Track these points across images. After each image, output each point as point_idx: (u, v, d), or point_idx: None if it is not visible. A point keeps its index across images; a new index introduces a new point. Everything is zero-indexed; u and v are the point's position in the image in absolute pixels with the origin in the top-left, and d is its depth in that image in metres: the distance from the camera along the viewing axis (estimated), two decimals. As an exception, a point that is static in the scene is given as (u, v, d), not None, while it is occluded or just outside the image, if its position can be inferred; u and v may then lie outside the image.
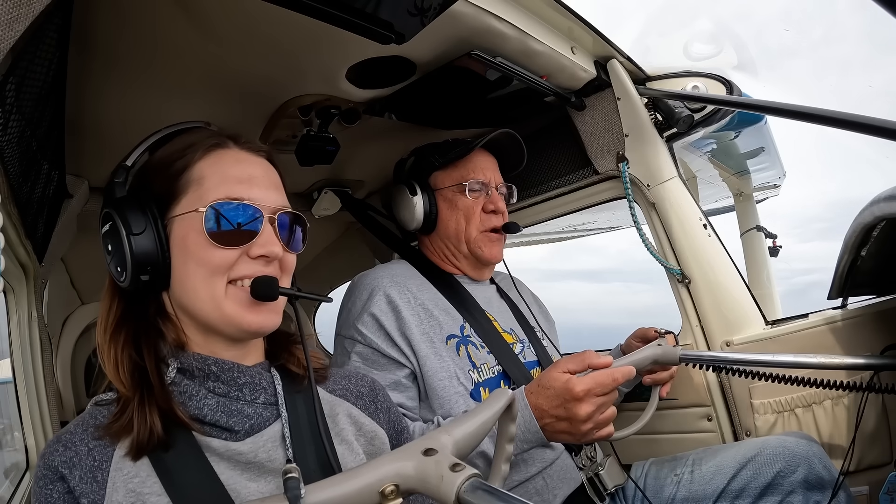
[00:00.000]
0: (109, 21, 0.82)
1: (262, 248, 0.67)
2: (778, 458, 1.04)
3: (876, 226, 0.89)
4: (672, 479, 1.16)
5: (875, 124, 0.66)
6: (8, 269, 0.98)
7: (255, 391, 0.69)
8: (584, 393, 0.88)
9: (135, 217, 0.65)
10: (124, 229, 0.65)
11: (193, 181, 0.67)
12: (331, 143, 1.33)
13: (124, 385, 0.64)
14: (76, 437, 0.62)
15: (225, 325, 0.67)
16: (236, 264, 0.66)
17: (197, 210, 0.65)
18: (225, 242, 0.65)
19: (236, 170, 0.69)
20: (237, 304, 0.66)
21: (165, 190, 0.68)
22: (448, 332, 1.14)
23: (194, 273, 0.66)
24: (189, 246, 0.66)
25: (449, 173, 1.28)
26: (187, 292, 0.67)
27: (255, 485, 0.64)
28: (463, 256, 1.29)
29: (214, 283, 0.65)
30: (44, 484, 0.59)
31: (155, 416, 0.62)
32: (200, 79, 1.06)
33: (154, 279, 0.66)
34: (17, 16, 0.55)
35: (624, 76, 1.34)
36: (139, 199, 0.67)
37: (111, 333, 0.67)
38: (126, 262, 0.65)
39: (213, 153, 0.70)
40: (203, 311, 0.66)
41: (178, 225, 0.67)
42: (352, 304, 1.17)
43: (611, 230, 3.72)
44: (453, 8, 0.90)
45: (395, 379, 1.09)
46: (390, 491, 0.49)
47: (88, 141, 1.15)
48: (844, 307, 1.20)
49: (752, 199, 2.74)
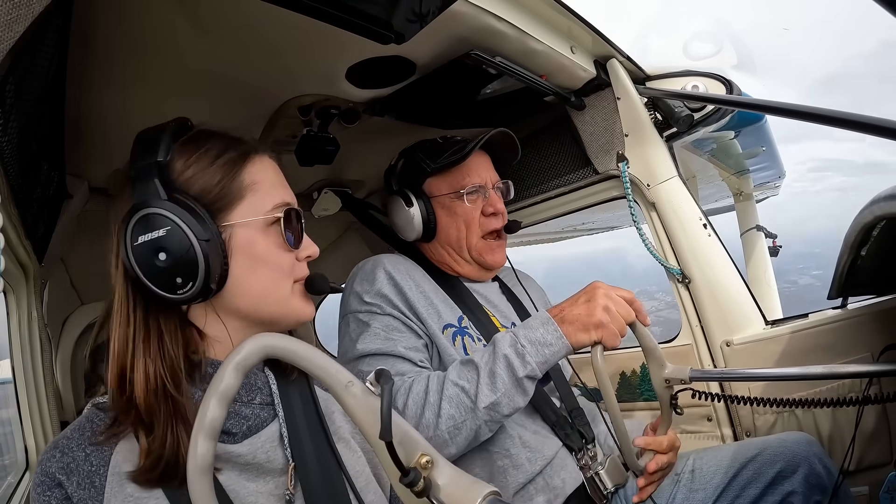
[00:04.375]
0: (109, 22, 0.82)
1: (309, 250, 0.74)
2: (778, 458, 1.04)
3: (876, 225, 0.89)
4: (672, 478, 1.16)
5: (875, 124, 0.66)
6: (8, 269, 0.98)
7: (250, 392, 0.69)
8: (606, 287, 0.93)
9: (199, 222, 0.62)
10: (193, 234, 0.61)
11: (247, 186, 0.68)
12: (331, 143, 1.33)
13: (152, 410, 0.59)
14: (73, 443, 0.62)
15: (286, 318, 0.71)
16: (294, 267, 0.72)
17: (265, 214, 0.68)
18: (294, 246, 0.71)
19: (278, 176, 0.73)
20: (300, 300, 0.72)
21: (216, 195, 0.66)
22: (446, 321, 1.14)
23: (265, 276, 0.68)
24: (258, 251, 0.67)
25: (443, 179, 1.25)
26: (252, 296, 0.68)
27: (255, 485, 0.64)
28: (465, 262, 1.27)
29: (284, 284, 0.70)
30: (41, 490, 0.59)
31: (184, 436, 0.58)
32: (200, 79, 1.06)
33: (219, 287, 0.65)
34: (16, 17, 0.55)
35: (624, 76, 1.34)
36: (187, 204, 0.63)
37: (141, 351, 0.62)
38: (197, 271, 0.61)
39: (257, 158, 0.72)
40: (269, 310, 0.69)
41: (240, 231, 0.66)
42: (361, 281, 1.16)
43: (610, 230, 3.72)
44: (453, 8, 0.90)
45: (418, 345, 1.09)
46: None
47: (88, 141, 1.15)
48: (844, 307, 1.20)
49: (752, 199, 2.75)
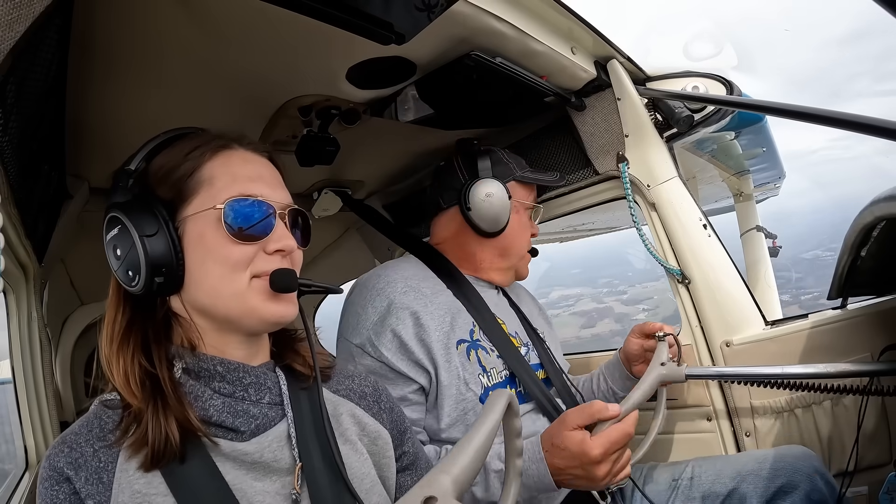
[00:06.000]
0: (110, 22, 0.82)
1: (278, 243, 0.68)
2: (779, 473, 1.03)
3: (876, 226, 0.89)
4: (670, 484, 1.16)
5: (875, 124, 0.66)
6: (8, 269, 0.99)
7: (260, 391, 0.69)
8: (601, 456, 0.87)
9: (145, 219, 0.65)
10: (136, 231, 0.64)
11: (204, 181, 0.68)
12: (331, 144, 1.33)
13: (136, 396, 0.62)
14: (81, 438, 0.62)
15: (248, 318, 0.68)
16: (255, 260, 0.67)
17: (214, 207, 0.66)
18: (244, 238, 0.66)
19: (245, 169, 0.70)
20: (260, 297, 0.67)
21: (175, 192, 0.68)
22: (459, 336, 1.12)
23: (214, 270, 0.66)
24: (207, 244, 0.66)
25: (522, 188, 1.31)
26: (206, 290, 0.67)
27: (261, 484, 0.64)
28: (507, 269, 1.31)
29: (236, 279, 0.66)
30: (49, 485, 0.59)
31: (172, 426, 0.61)
32: (200, 79, 1.06)
33: (169, 281, 0.66)
34: (17, 17, 0.55)
35: (624, 76, 1.34)
36: (146, 202, 0.66)
37: (119, 343, 0.66)
38: (139, 266, 0.64)
39: (221, 154, 0.70)
40: (225, 307, 0.67)
41: (192, 224, 0.67)
42: (363, 309, 1.12)
43: (610, 230, 3.72)
44: (453, 8, 0.90)
45: (402, 394, 1.07)
46: None
47: (88, 141, 1.15)
48: (844, 307, 1.20)
49: (752, 199, 2.75)
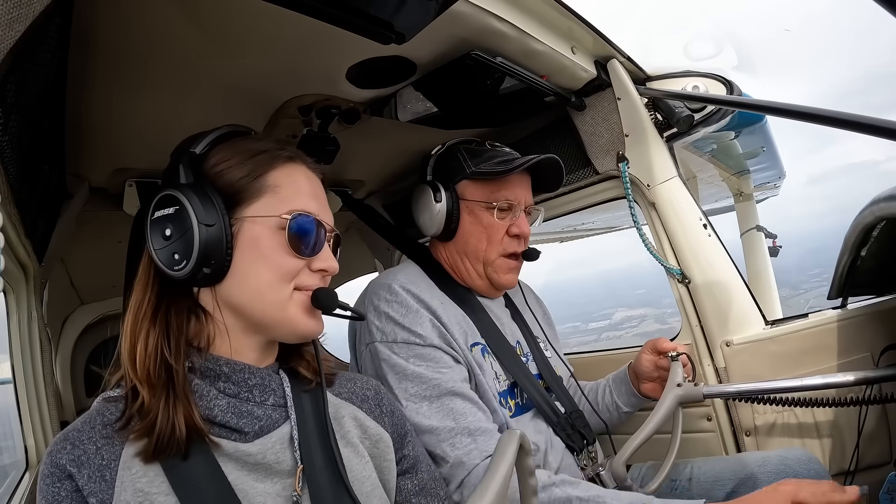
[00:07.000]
0: (110, 21, 0.82)
1: (324, 263, 0.71)
2: (779, 476, 1.03)
3: (876, 226, 0.89)
4: (669, 484, 1.16)
5: (875, 124, 0.66)
6: (8, 269, 0.98)
7: (264, 393, 0.70)
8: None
9: (206, 207, 0.65)
10: (196, 217, 0.64)
11: (269, 187, 0.69)
12: (331, 143, 1.33)
13: (150, 379, 0.62)
14: (84, 435, 0.62)
15: (281, 326, 0.70)
16: (300, 274, 0.70)
17: (280, 216, 0.68)
18: (299, 252, 0.69)
19: (308, 186, 0.73)
20: (299, 309, 0.70)
21: (235, 190, 0.68)
22: (472, 340, 1.11)
23: (263, 275, 0.67)
24: (262, 248, 0.67)
25: (480, 185, 1.18)
26: (248, 291, 0.67)
27: (263, 486, 0.65)
28: (477, 275, 1.20)
29: (282, 288, 0.68)
30: (51, 482, 0.59)
31: (180, 418, 0.61)
32: (200, 79, 1.06)
33: (213, 273, 0.66)
34: (17, 16, 0.55)
35: (624, 76, 1.34)
36: (206, 190, 0.66)
37: (148, 321, 0.65)
38: (191, 252, 0.64)
39: (289, 165, 0.72)
40: (262, 311, 0.68)
41: (249, 225, 0.68)
42: (389, 304, 1.07)
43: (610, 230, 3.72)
44: (453, 8, 0.90)
45: (464, 376, 1.04)
46: None
47: (88, 141, 1.15)
48: (844, 307, 1.20)
49: (752, 199, 2.75)
